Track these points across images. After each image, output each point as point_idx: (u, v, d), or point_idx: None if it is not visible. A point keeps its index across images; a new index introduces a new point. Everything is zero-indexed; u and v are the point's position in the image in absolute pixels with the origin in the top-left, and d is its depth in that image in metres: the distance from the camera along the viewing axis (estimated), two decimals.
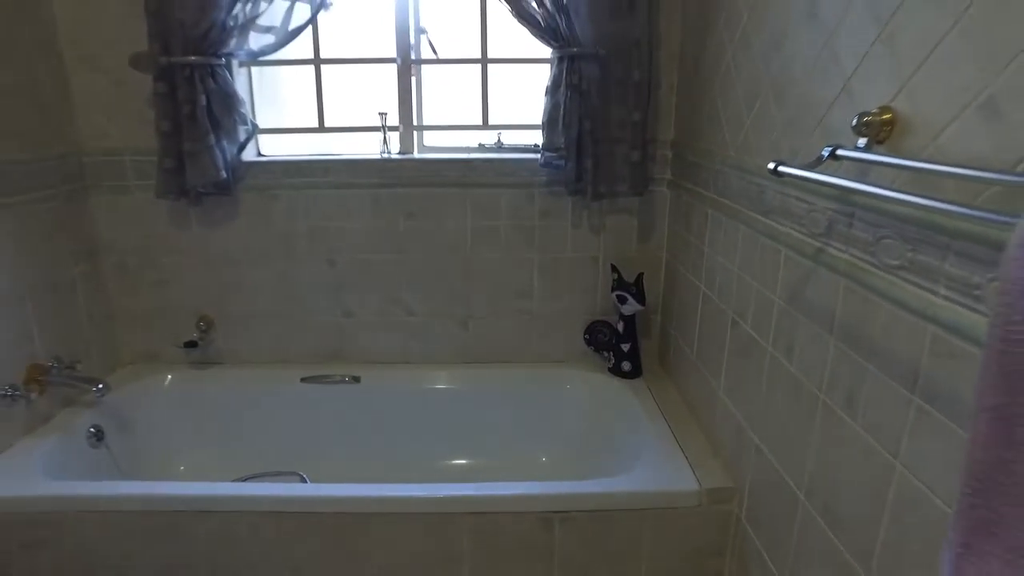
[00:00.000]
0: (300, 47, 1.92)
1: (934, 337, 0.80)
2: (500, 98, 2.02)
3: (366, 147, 2.04)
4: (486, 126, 2.03)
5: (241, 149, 1.90)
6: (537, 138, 1.88)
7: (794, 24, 1.17)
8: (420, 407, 2.04)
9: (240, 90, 1.84)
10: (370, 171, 1.95)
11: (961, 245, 0.75)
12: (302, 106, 2.05)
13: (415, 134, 2.04)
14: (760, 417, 1.33)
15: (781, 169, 0.99)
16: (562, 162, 1.84)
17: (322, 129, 2.04)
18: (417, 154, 2.04)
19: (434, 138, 2.09)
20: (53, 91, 1.79)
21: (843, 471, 1.01)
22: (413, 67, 1.99)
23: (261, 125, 2.01)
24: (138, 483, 1.59)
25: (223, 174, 1.82)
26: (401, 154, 2.02)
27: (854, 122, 0.90)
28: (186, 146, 1.78)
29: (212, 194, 1.91)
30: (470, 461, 2.03)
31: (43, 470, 1.53)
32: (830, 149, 0.92)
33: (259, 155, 2.04)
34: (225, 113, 1.81)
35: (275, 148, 2.08)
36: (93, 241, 1.95)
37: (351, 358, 2.11)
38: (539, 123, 1.84)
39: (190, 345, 2.01)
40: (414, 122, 2.03)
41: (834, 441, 1.04)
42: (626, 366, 2.01)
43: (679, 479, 1.48)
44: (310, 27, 1.88)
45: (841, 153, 0.91)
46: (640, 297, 1.92)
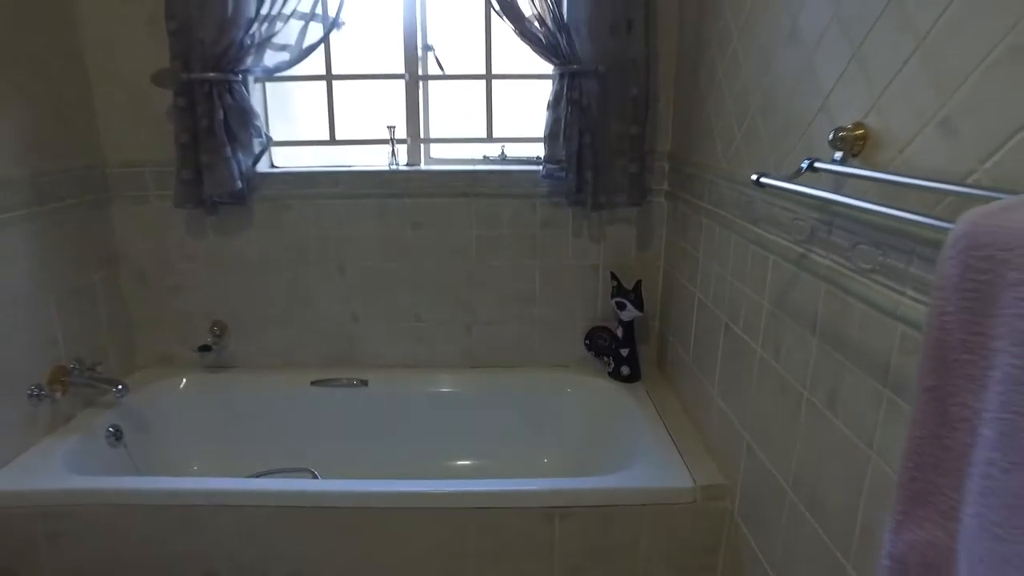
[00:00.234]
0: (313, 64, 2.00)
1: (903, 335, 0.87)
2: (504, 112, 2.09)
3: (375, 159, 2.12)
4: (490, 139, 2.10)
5: (256, 161, 1.98)
6: (539, 151, 1.95)
7: (778, 45, 1.24)
8: (426, 409, 2.11)
9: (255, 105, 1.92)
10: (379, 182, 2.03)
11: (924, 250, 0.82)
12: (312, 120, 2.14)
13: (422, 147, 2.12)
14: (751, 416, 1.39)
15: (763, 180, 1.06)
16: (563, 174, 1.91)
17: (333, 142, 2.12)
18: (424, 166, 2.12)
19: (440, 150, 2.16)
20: (79, 105, 1.88)
21: (826, 464, 1.08)
22: (420, 82, 2.07)
23: (274, 138, 2.09)
24: (156, 478, 1.66)
25: (238, 184, 1.91)
26: (409, 166, 2.10)
27: (830, 136, 0.97)
28: (204, 158, 1.87)
29: (227, 204, 1.98)
30: (474, 462, 2.10)
31: (66, 467, 1.60)
32: (808, 162, 1.00)
33: (272, 166, 2.13)
34: (241, 127, 1.89)
35: (287, 160, 2.16)
36: (113, 248, 2.03)
37: (359, 362, 2.17)
38: (541, 136, 1.91)
39: (204, 349, 2.08)
40: (421, 135, 2.11)
41: (817, 436, 1.10)
42: (625, 370, 2.07)
43: (675, 477, 1.54)
44: (322, 45, 1.97)
45: (818, 166, 0.98)
46: (638, 304, 1.98)
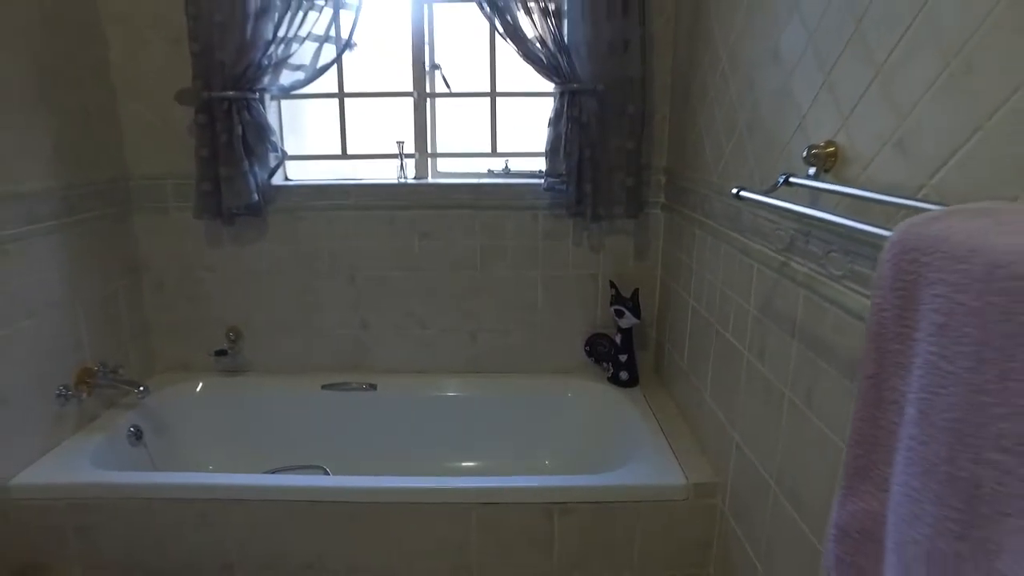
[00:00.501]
0: (326, 82, 2.10)
1: None
2: (507, 128, 2.19)
3: (384, 172, 2.22)
4: (495, 153, 2.20)
5: (271, 174, 2.08)
6: (541, 165, 2.04)
7: (762, 67, 1.33)
8: (432, 413, 2.19)
9: (271, 121, 2.03)
10: (388, 195, 2.12)
11: None
12: (323, 135, 2.24)
13: (429, 161, 2.22)
14: (739, 416, 1.47)
15: (742, 194, 1.15)
16: (564, 187, 2.00)
17: (344, 156, 2.22)
18: (431, 179, 2.21)
19: (447, 164, 2.26)
20: (106, 122, 1.99)
21: (805, 459, 1.15)
22: (428, 100, 2.17)
23: (288, 152, 2.19)
24: (176, 474, 1.74)
25: (255, 197, 2.01)
26: (416, 179, 2.20)
27: (804, 153, 1.06)
28: (222, 171, 1.97)
29: (244, 215, 2.08)
30: (478, 463, 2.17)
31: (92, 464, 1.69)
32: (784, 177, 1.08)
33: (286, 180, 2.23)
34: (258, 142, 1.99)
35: (301, 173, 2.26)
36: (135, 258, 2.13)
37: (368, 367, 2.26)
38: (543, 151, 2.00)
39: (221, 353, 2.17)
40: (428, 150, 2.20)
41: (797, 432, 1.18)
42: (624, 376, 2.15)
43: (669, 475, 1.61)
44: (335, 65, 2.08)
45: (793, 180, 1.07)
46: (636, 311, 2.07)
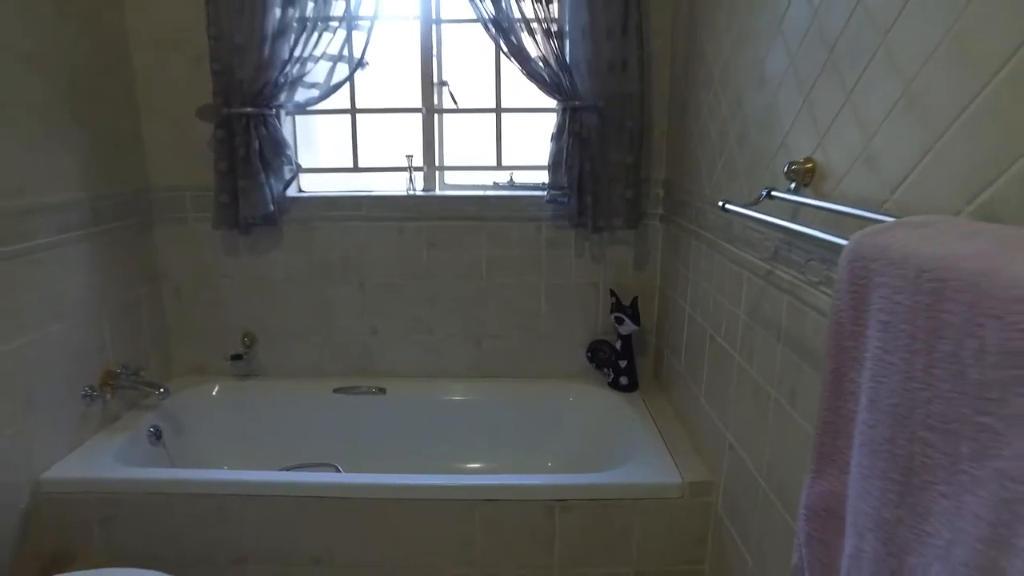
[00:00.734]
0: (338, 98, 2.20)
1: None
2: (512, 142, 2.28)
3: (394, 185, 2.32)
4: (499, 167, 2.29)
5: (286, 186, 2.17)
6: (544, 178, 2.13)
7: (750, 87, 1.42)
8: (438, 416, 2.27)
9: (286, 135, 2.13)
10: (397, 206, 2.21)
11: None
12: (336, 149, 2.34)
13: (437, 174, 2.31)
14: (731, 417, 1.54)
15: (728, 207, 1.22)
16: (565, 199, 2.09)
17: (356, 169, 2.32)
18: (439, 191, 2.30)
19: (454, 177, 2.36)
20: (130, 136, 2.10)
21: (791, 456, 1.22)
22: (436, 115, 2.26)
23: (302, 165, 2.29)
24: (194, 470, 1.82)
25: (271, 208, 2.10)
26: (425, 191, 2.29)
27: (785, 169, 1.14)
28: (240, 183, 2.07)
29: (260, 225, 2.18)
30: (482, 464, 2.24)
31: (115, 461, 1.77)
32: (767, 190, 1.16)
33: (300, 191, 2.32)
34: (274, 155, 2.09)
35: (314, 185, 2.36)
36: (156, 266, 2.23)
37: (378, 372, 2.34)
38: (546, 164, 2.09)
39: (236, 358, 2.26)
40: (436, 163, 2.30)
41: (782, 431, 1.25)
42: (624, 381, 2.22)
43: (665, 474, 1.68)
44: (348, 82, 2.18)
45: (774, 194, 1.15)
46: (635, 318, 2.14)
